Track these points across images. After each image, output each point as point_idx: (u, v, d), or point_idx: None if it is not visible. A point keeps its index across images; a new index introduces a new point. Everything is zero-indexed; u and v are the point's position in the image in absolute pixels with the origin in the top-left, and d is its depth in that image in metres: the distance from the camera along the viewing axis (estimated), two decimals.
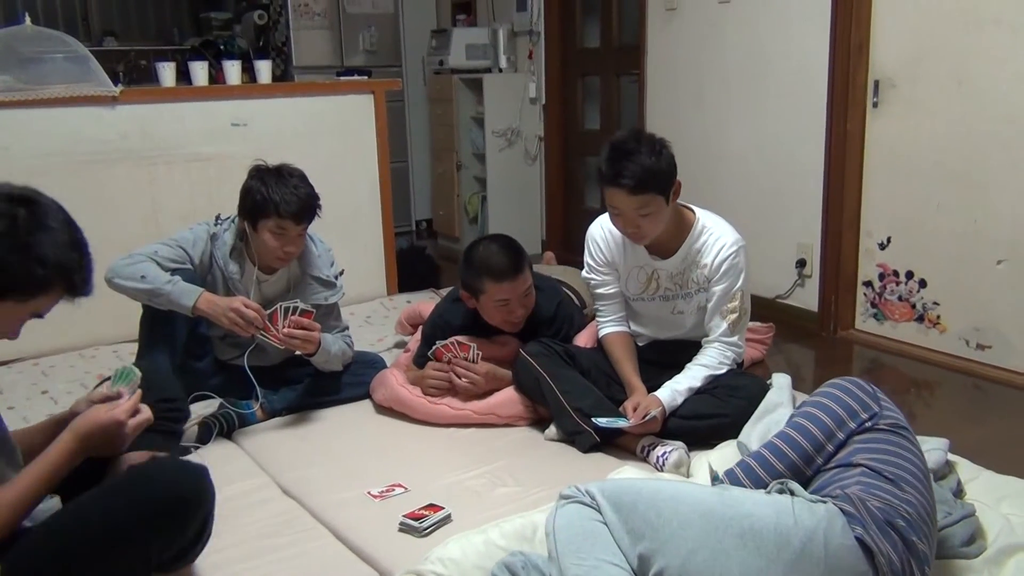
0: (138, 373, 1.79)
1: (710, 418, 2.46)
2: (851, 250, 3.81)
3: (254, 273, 2.69)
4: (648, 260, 2.62)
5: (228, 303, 2.55)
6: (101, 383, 2.01)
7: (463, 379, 2.68)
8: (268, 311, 2.57)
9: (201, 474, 1.68)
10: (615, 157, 2.39)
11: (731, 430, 2.39)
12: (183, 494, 1.63)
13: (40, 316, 1.57)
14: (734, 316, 2.58)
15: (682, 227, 2.58)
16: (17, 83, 3.41)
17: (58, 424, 1.74)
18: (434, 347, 2.75)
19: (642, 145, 2.39)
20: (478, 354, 2.71)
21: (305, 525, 2.13)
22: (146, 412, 1.72)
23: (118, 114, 3.59)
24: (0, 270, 1.47)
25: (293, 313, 2.58)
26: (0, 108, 3.35)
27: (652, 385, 2.56)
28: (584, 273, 2.75)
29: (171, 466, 1.72)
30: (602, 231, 2.68)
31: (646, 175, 2.36)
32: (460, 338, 2.73)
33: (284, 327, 2.57)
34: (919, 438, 2.32)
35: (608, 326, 2.72)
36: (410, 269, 4.51)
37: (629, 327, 2.75)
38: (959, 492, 2.14)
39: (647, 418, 2.39)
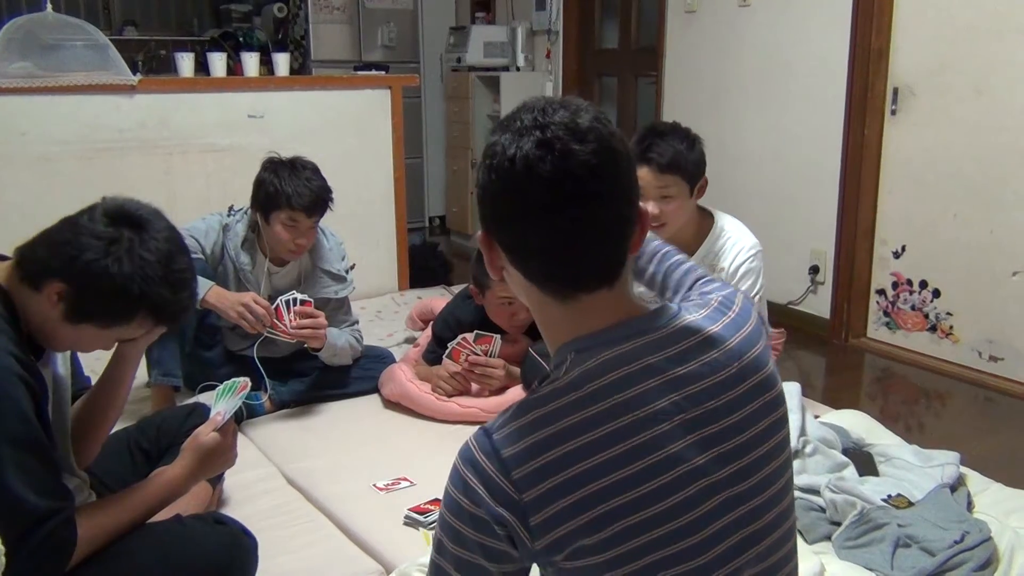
0: (241, 381, 1.76)
1: None
2: (865, 258, 3.78)
3: (265, 265, 2.70)
4: None
5: (238, 298, 2.55)
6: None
7: (479, 373, 2.68)
8: (272, 305, 2.58)
9: (249, 549, 1.65)
10: (648, 136, 2.44)
11: None
12: (225, 568, 1.59)
13: (131, 341, 1.53)
14: None
15: (702, 229, 2.59)
16: (37, 70, 3.43)
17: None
18: (451, 345, 2.74)
19: (677, 131, 2.45)
20: (498, 347, 2.70)
21: (309, 515, 2.14)
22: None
23: (136, 103, 3.61)
24: (81, 295, 1.42)
25: (295, 305, 2.59)
26: (19, 94, 3.37)
27: None
28: None
29: (220, 533, 1.64)
30: None
31: (676, 156, 2.40)
32: (481, 331, 2.73)
33: (291, 320, 2.57)
34: (930, 451, 2.33)
35: None
36: (422, 265, 4.52)
37: None
38: (969, 505, 2.12)
39: None
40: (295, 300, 2.59)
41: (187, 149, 3.72)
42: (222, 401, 1.73)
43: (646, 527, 0.93)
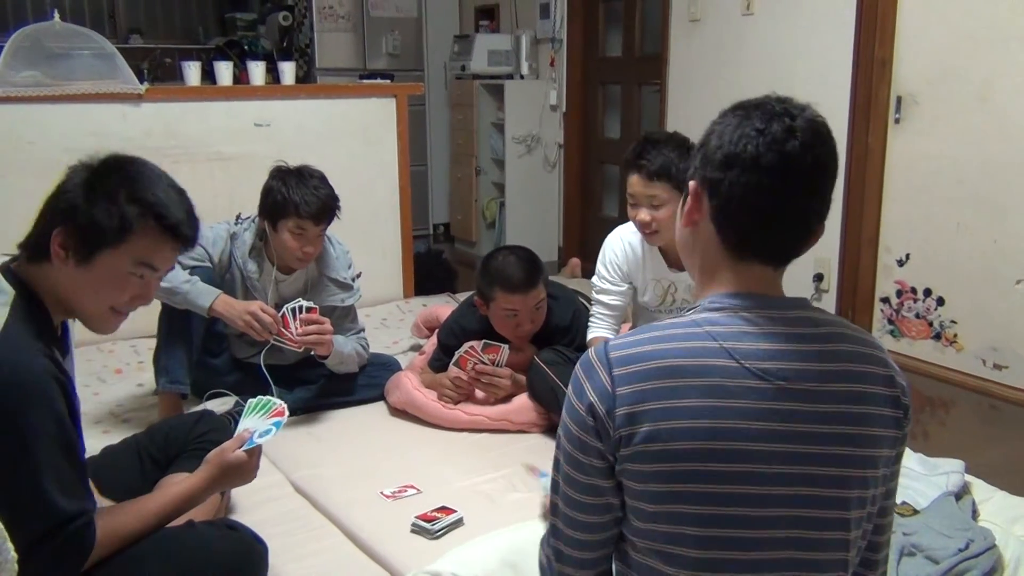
0: (277, 405, 1.75)
1: None
2: (869, 266, 3.79)
3: (272, 273, 2.71)
4: (666, 273, 2.60)
5: (245, 307, 2.57)
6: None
7: (485, 382, 2.69)
8: (278, 314, 2.59)
9: (261, 555, 1.67)
10: (642, 144, 2.44)
11: None
12: (236, 574, 1.61)
13: (152, 268, 1.54)
14: None
15: None
16: (44, 79, 3.45)
17: None
18: (458, 353, 2.74)
19: (672, 140, 2.44)
20: (505, 357, 2.71)
21: (316, 523, 2.15)
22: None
23: (143, 112, 3.63)
24: (79, 223, 1.46)
25: (300, 312, 2.60)
26: (27, 103, 3.39)
27: None
28: (594, 279, 2.71)
29: (233, 539, 1.66)
30: (621, 242, 2.65)
31: (665, 164, 2.39)
32: (489, 341, 2.73)
33: (297, 328, 2.58)
34: (935, 459, 2.33)
35: (597, 330, 2.66)
36: (426, 272, 4.53)
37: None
38: (974, 513, 2.13)
39: None
40: (301, 308, 2.60)
41: (194, 158, 3.73)
42: (251, 417, 1.72)
43: (688, 455, 1.04)
